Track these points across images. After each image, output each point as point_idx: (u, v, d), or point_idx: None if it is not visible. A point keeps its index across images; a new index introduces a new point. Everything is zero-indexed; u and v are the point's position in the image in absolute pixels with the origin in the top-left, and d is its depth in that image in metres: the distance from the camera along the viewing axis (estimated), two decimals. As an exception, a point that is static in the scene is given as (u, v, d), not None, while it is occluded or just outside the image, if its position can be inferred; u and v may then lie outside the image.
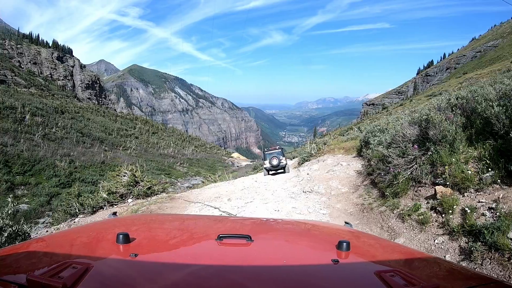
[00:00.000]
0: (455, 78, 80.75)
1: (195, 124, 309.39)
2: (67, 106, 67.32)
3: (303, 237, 2.02)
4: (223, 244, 1.48)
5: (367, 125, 24.00)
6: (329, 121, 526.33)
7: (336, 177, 10.24)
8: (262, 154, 20.98)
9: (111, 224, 2.07)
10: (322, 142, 20.07)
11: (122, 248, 1.41)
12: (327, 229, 2.39)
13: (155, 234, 1.95)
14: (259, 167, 37.99)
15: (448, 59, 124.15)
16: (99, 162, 40.41)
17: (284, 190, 10.60)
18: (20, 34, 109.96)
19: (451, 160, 5.30)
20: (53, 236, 2.20)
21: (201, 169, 58.54)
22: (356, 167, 10.69)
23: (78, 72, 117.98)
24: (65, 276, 1.03)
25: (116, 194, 11.63)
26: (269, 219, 2.94)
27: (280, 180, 13.71)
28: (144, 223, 2.26)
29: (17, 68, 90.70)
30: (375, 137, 9.97)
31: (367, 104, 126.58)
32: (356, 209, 7.33)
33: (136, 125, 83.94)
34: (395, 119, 11.80)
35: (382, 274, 1.17)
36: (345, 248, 1.42)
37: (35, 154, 33.81)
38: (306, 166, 15.10)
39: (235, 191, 11.58)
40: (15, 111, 43.30)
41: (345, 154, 14.37)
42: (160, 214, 7.52)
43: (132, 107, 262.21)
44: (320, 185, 9.76)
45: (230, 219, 2.85)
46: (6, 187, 26.74)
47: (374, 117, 68.79)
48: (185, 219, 2.64)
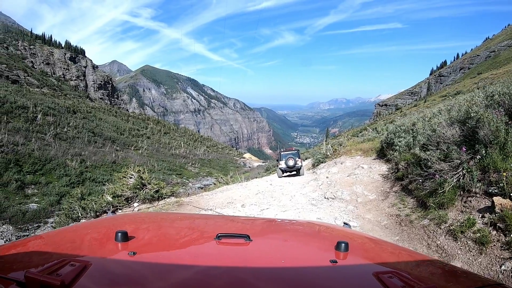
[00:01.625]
0: (470, 79, 79.44)
1: (207, 125, 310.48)
2: (79, 106, 67.34)
3: (301, 237, 2.03)
4: (222, 243, 1.49)
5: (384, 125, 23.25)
6: (341, 122, 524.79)
7: (359, 182, 9.36)
8: (276, 155, 20.92)
9: (109, 222, 2.09)
10: (338, 143, 19.23)
11: (121, 246, 1.41)
12: (326, 229, 2.36)
13: (153, 232, 1.94)
14: (271, 168, 37.39)
15: (462, 59, 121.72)
16: (110, 162, 40.04)
17: (303, 196, 9.75)
18: (33, 35, 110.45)
19: (506, 165, 4.47)
20: (52, 234, 2.04)
21: (213, 170, 58.08)
22: (379, 170, 9.86)
23: (91, 72, 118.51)
24: (63, 273, 1.04)
25: (122, 197, 10.91)
26: (268, 219, 2.91)
27: (297, 183, 12.84)
28: (143, 222, 2.26)
29: (30, 68, 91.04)
30: (400, 138, 9.21)
31: (380, 105, 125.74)
32: (392, 221, 6.41)
33: (148, 125, 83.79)
34: (422, 118, 10.82)
35: (380, 276, 1.18)
36: (344, 249, 1.43)
37: (46, 153, 33.55)
38: (324, 169, 14.27)
39: (249, 195, 10.77)
40: (27, 110, 43.15)
41: (364, 156, 13.56)
42: (159, 212, 7.53)
43: (144, 108, 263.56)
44: (344, 190, 8.88)
45: (229, 219, 2.80)
46: (16, 186, 26.52)
47: (388, 118, 67.90)
48: (184, 218, 2.63)
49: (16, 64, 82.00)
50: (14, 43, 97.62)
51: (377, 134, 18.88)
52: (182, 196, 14.77)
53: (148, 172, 37.52)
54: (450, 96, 51.30)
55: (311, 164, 23.72)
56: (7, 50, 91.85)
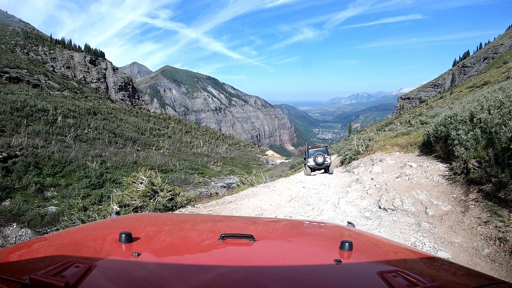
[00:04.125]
0: (496, 68, 76.51)
1: (228, 123, 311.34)
2: (99, 108, 67.46)
3: (305, 237, 2.03)
4: (226, 243, 1.49)
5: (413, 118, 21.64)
6: (362, 117, 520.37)
7: (417, 185, 7.52)
8: (299, 151, 20.07)
9: (113, 223, 2.07)
10: (368, 138, 17.73)
11: (125, 247, 1.42)
12: (330, 229, 2.32)
13: (158, 233, 1.94)
14: (296, 165, 36.00)
15: (485, 48, 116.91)
16: (131, 162, 39.35)
17: (349, 204, 7.81)
18: (52, 40, 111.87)
19: None
20: (56, 235, 1.99)
21: (235, 168, 57.29)
22: (435, 169, 8.17)
23: (111, 74, 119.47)
24: (67, 275, 1.05)
25: (130, 207, 9.41)
26: (272, 219, 2.97)
27: (335, 186, 11.00)
28: (147, 223, 2.26)
29: (51, 72, 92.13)
30: (459, 130, 7.43)
31: (402, 99, 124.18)
32: (496, 249, 4.49)
33: (169, 124, 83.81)
34: (480, 105, 8.89)
35: (385, 275, 1.18)
36: (348, 248, 1.43)
37: (66, 156, 33.14)
38: (361, 167, 12.60)
39: (281, 203, 9.13)
40: (47, 113, 43.02)
41: (404, 152, 11.98)
42: (163, 213, 7.20)
43: (165, 108, 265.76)
44: (403, 198, 6.97)
45: (233, 219, 2.75)
46: (36, 189, 26.00)
47: (413, 111, 66.13)
48: (188, 219, 2.65)
49: (36, 69, 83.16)
50: (34, 48, 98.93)
51: (411, 127, 17.40)
52: (202, 200, 13.38)
53: (169, 172, 36.77)
54: (477, 87, 49.37)
55: (339, 161, 22.28)
56: (28, 56, 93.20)
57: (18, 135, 32.47)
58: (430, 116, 18.52)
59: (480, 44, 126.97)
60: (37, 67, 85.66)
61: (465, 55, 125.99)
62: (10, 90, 53.66)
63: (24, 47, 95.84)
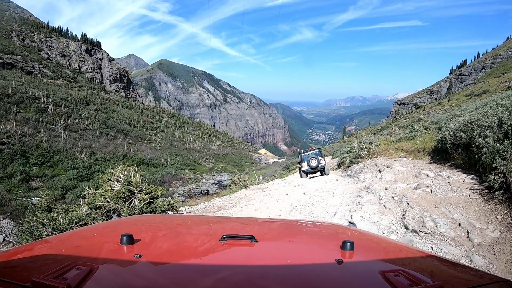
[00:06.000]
0: (494, 78, 76.53)
1: (222, 119, 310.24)
2: (93, 98, 66.66)
3: (307, 237, 2.02)
4: (227, 244, 1.49)
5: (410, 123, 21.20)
6: (357, 120, 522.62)
7: (444, 200, 6.24)
8: (291, 151, 19.77)
9: (115, 225, 2.08)
10: (368, 141, 17.23)
11: (126, 249, 1.41)
12: (331, 229, 2.31)
13: (159, 235, 1.94)
14: (290, 166, 35.63)
15: (483, 58, 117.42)
16: (122, 155, 38.87)
17: (366, 221, 6.28)
18: (49, 27, 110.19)
19: None
20: (57, 238, 1.92)
21: (227, 165, 56.98)
22: (460, 181, 7.02)
23: (107, 65, 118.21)
24: (69, 277, 1.05)
25: (101, 209, 8.06)
26: (273, 219, 2.85)
27: (340, 193, 9.71)
28: (148, 224, 2.25)
29: (46, 60, 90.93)
30: (487, 138, 6.51)
31: (398, 104, 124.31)
32: None
33: (162, 118, 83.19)
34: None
35: (387, 274, 1.18)
36: (349, 248, 1.43)
37: (54, 145, 32.57)
38: (367, 173, 11.51)
39: (280, 214, 8.24)
40: (38, 101, 42.25)
41: (412, 158, 11.25)
42: (164, 215, 6.97)
43: (160, 101, 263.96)
44: (434, 216, 5.53)
45: (234, 220, 2.72)
46: (21, 179, 25.44)
47: (410, 116, 66.14)
48: (189, 220, 2.62)
49: (31, 56, 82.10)
50: (30, 35, 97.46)
51: (414, 132, 16.94)
52: (189, 202, 12.67)
53: (159, 166, 36.01)
54: (475, 95, 49.32)
55: (335, 163, 21.66)
56: (23, 42, 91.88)
57: (6, 122, 31.73)
58: (431, 122, 18.07)
59: (478, 53, 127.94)
60: (31, 54, 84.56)
61: (462, 64, 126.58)
62: (3, 76, 52.86)
63: (20, 33, 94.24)
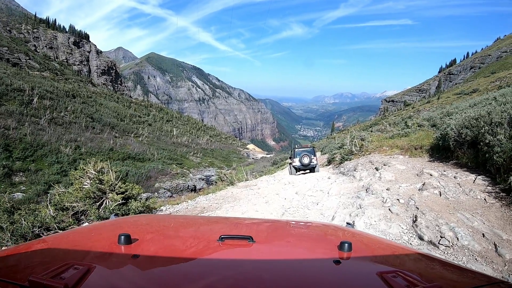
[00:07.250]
0: (484, 77, 77.50)
1: (211, 114, 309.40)
2: (79, 91, 65.67)
3: (304, 237, 2.02)
4: (225, 245, 1.49)
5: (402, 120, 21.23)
6: (345, 116, 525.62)
7: (458, 204, 5.52)
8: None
9: (112, 225, 2.07)
10: (360, 137, 17.18)
11: (124, 249, 1.41)
12: (329, 229, 2.32)
13: (156, 234, 1.93)
14: (279, 162, 35.51)
15: (472, 58, 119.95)
16: (107, 149, 38.36)
17: (372, 229, 5.47)
18: (36, 18, 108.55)
19: None
20: (55, 237, 1.92)
21: (215, 160, 56.78)
22: (469, 181, 6.51)
23: (95, 57, 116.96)
24: (66, 276, 1.05)
25: (69, 211, 7.15)
26: (270, 220, 2.84)
27: (336, 194, 8.87)
28: (146, 224, 2.23)
29: (32, 52, 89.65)
30: (498, 135, 6.22)
31: (387, 101, 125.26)
32: None
33: (150, 112, 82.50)
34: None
35: (384, 275, 1.18)
36: (347, 249, 1.43)
37: (38, 139, 31.99)
38: (363, 171, 10.82)
39: (271, 218, 7.34)
40: (22, 93, 41.42)
41: (409, 156, 11.04)
42: (162, 215, 7.05)
43: (149, 95, 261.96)
44: (451, 225, 4.77)
45: (232, 220, 2.66)
46: (3, 173, 25.01)
47: (399, 113, 66.65)
48: (187, 220, 2.61)
49: (17, 47, 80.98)
50: (17, 26, 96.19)
51: (408, 128, 16.93)
52: (172, 201, 12.27)
53: (146, 161, 35.55)
54: (465, 94, 49.83)
55: (325, 159, 21.51)
56: (10, 33, 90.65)
57: (-11, 114, 30.98)
58: (423, 119, 18.15)
59: (468, 53, 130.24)
60: (18, 46, 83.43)
61: (451, 63, 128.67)
62: (-14, 67, 51.70)
63: (7, 24, 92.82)
